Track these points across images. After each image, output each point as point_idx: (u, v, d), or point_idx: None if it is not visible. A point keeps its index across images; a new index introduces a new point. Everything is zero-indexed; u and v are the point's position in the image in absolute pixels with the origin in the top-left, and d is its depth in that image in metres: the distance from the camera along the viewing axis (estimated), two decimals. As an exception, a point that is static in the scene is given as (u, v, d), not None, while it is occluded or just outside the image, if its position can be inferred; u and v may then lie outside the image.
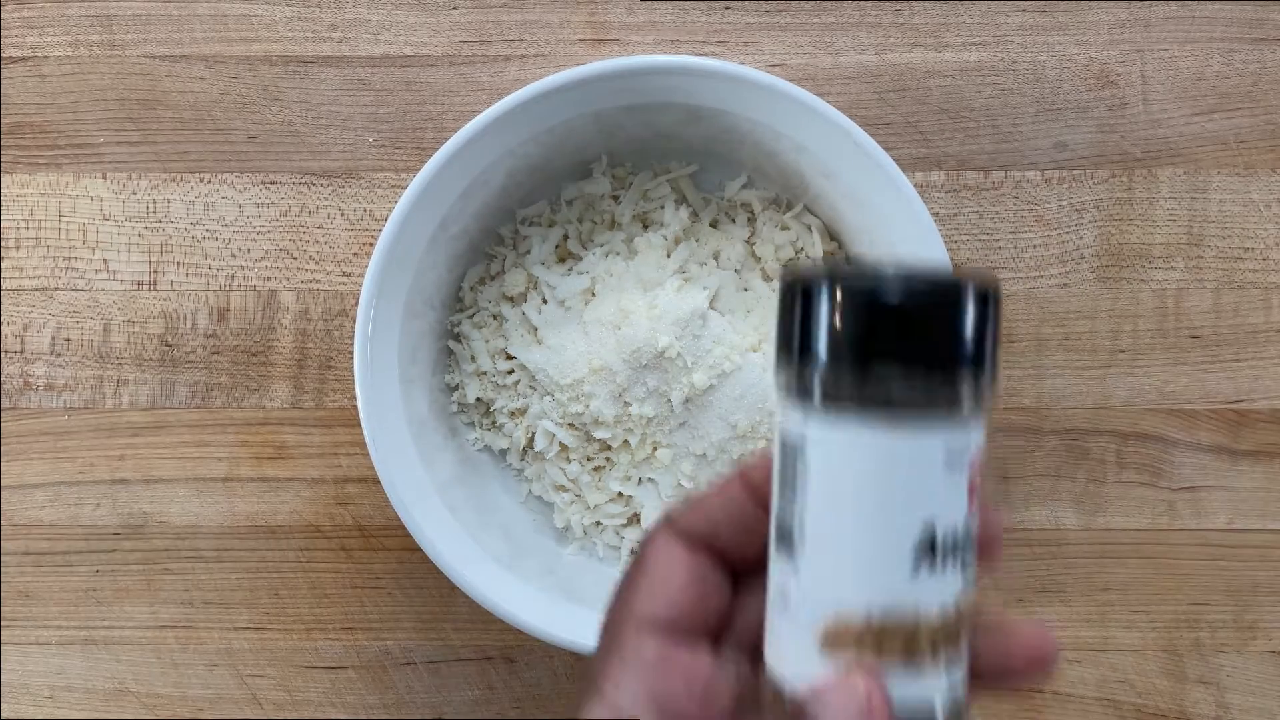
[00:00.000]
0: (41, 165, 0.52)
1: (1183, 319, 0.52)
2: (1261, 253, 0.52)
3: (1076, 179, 0.52)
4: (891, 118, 0.52)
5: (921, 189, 0.51)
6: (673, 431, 0.47)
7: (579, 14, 0.52)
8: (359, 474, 0.51)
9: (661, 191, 0.50)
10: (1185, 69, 0.52)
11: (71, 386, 0.52)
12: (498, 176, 0.46)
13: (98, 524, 0.52)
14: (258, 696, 0.51)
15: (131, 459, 0.52)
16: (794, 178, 0.48)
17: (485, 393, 0.49)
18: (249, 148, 0.52)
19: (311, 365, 0.52)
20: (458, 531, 0.45)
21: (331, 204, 0.52)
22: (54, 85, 0.52)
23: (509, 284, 0.49)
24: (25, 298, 0.52)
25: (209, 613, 0.51)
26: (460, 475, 0.48)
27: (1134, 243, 0.52)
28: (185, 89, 0.52)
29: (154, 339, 0.52)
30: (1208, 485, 0.51)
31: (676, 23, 0.52)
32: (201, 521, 0.51)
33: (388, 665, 0.51)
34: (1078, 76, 0.52)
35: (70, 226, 0.52)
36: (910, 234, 0.44)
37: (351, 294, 0.52)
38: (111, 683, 0.51)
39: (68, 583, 0.52)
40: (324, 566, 0.52)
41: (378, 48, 0.52)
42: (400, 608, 0.51)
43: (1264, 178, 0.52)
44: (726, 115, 0.46)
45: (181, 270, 0.52)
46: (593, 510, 0.49)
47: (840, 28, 0.52)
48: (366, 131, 0.52)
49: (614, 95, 0.45)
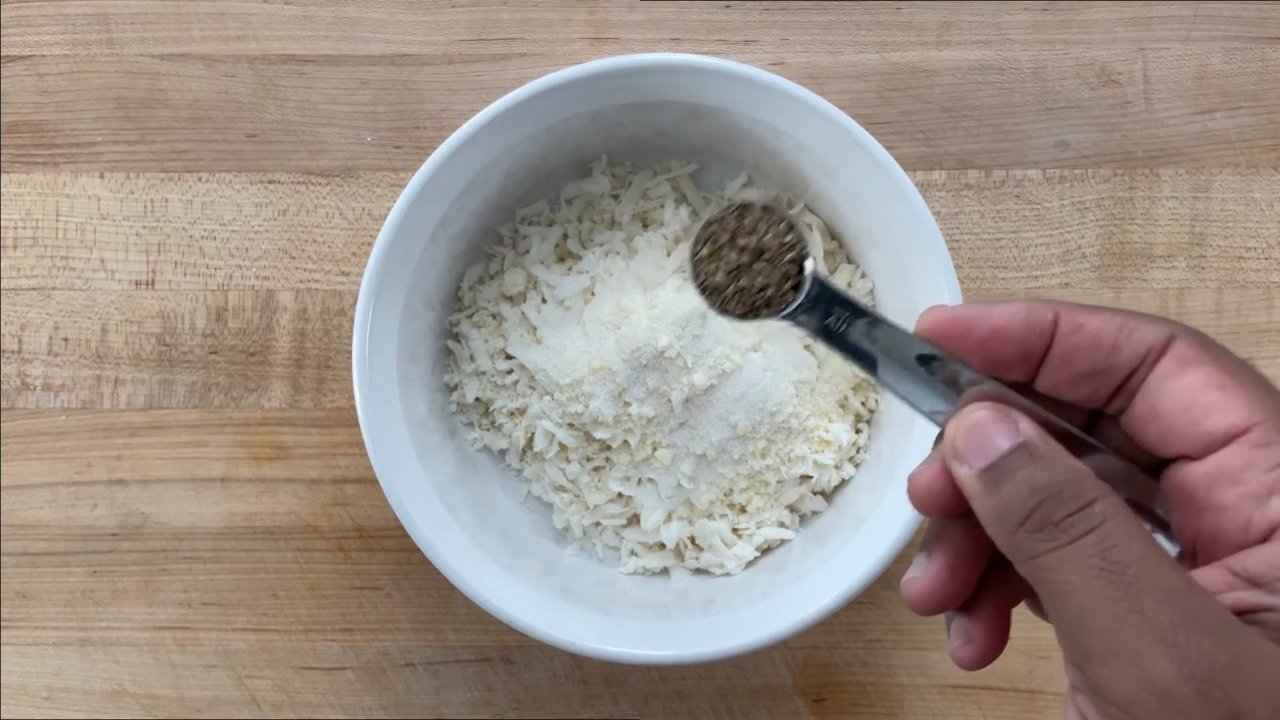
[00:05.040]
0: (39, 164, 0.52)
1: (1185, 319, 0.51)
2: (1264, 252, 0.52)
3: (1078, 178, 0.51)
4: (893, 116, 0.52)
5: (923, 188, 0.51)
6: (673, 431, 0.46)
7: (578, 12, 0.52)
8: (357, 474, 0.51)
9: (661, 190, 0.50)
10: (1187, 68, 0.52)
11: (69, 386, 0.52)
12: (497, 175, 0.46)
13: (95, 524, 0.51)
14: (256, 698, 0.51)
15: (129, 459, 0.51)
16: (795, 176, 0.48)
17: (484, 393, 0.49)
18: (247, 147, 0.52)
19: (310, 365, 0.52)
20: (456, 532, 0.45)
21: (330, 203, 0.52)
22: (52, 84, 0.52)
23: (508, 283, 0.49)
24: (22, 297, 0.52)
25: (207, 613, 0.51)
26: (459, 475, 0.48)
27: (1136, 242, 0.51)
28: (183, 88, 0.52)
29: (152, 339, 0.52)
30: (1210, 485, 0.51)
31: (677, 21, 0.52)
32: (199, 522, 0.51)
33: (386, 666, 0.51)
34: (1079, 75, 0.52)
35: (68, 226, 0.52)
36: (911, 233, 0.44)
37: (350, 293, 0.51)
38: (109, 684, 0.51)
39: (65, 583, 0.51)
40: (322, 567, 0.51)
41: (376, 46, 0.52)
42: (399, 609, 0.51)
43: (1266, 177, 0.52)
44: (727, 114, 0.46)
45: (179, 270, 0.52)
46: (592, 511, 0.48)
47: (841, 26, 0.52)
48: (365, 130, 0.52)
49: (614, 94, 0.45)
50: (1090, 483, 0.25)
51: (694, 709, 0.51)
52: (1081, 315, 0.27)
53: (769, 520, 0.48)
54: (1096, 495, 0.25)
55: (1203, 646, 0.23)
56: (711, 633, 0.44)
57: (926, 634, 0.51)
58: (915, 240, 0.44)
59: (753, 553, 0.48)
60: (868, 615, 0.51)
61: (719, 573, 0.48)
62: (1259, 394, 0.26)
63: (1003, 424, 0.26)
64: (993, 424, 0.26)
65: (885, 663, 0.51)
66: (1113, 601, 0.24)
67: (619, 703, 0.51)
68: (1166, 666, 0.23)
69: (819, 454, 0.47)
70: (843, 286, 0.30)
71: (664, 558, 0.48)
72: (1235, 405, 0.26)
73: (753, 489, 0.48)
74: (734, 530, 0.48)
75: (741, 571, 0.48)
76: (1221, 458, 0.26)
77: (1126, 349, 0.27)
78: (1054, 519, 0.25)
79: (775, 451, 0.47)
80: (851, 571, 0.43)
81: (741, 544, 0.48)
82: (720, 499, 0.48)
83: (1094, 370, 0.27)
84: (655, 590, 0.48)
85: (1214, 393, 0.26)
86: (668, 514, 0.48)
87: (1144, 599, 0.23)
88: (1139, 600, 0.23)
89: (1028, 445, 0.26)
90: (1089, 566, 0.24)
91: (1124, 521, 0.24)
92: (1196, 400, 0.26)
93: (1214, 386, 0.26)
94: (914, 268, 0.44)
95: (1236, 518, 0.25)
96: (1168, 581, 0.24)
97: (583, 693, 0.51)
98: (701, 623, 0.45)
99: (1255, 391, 0.26)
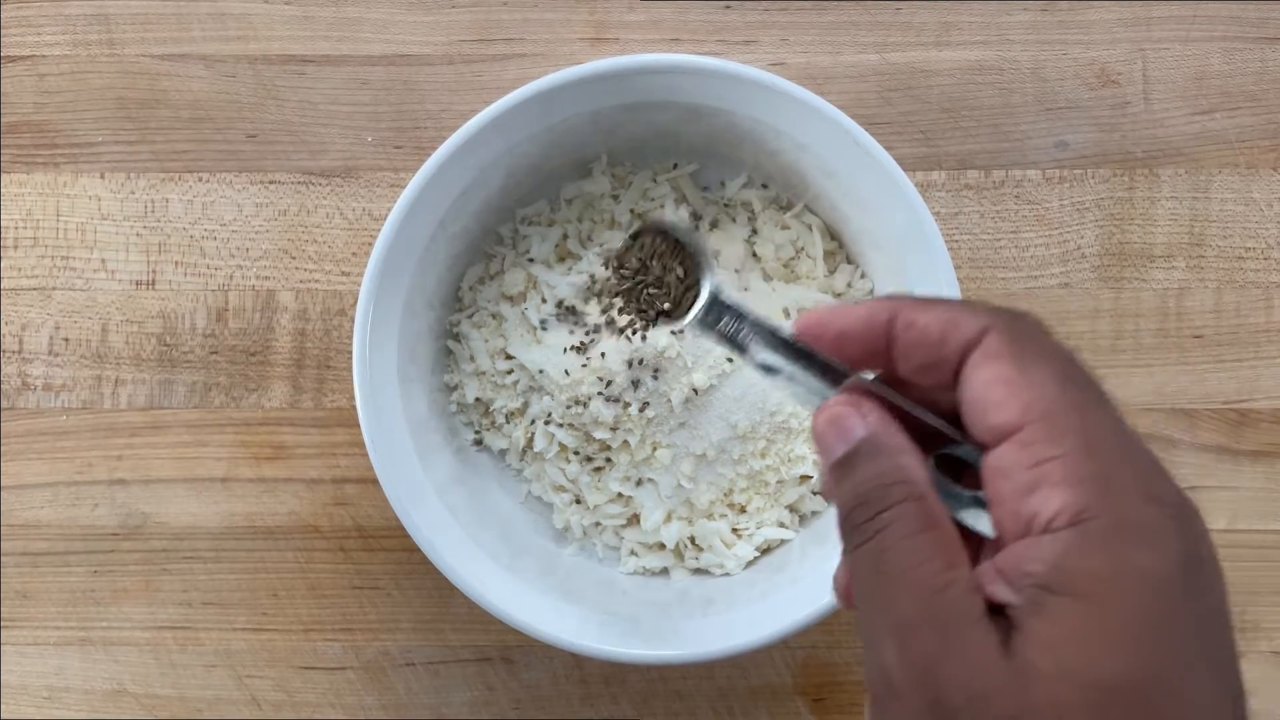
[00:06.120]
0: (40, 164, 0.52)
1: (1184, 319, 0.51)
2: (1263, 252, 0.52)
3: (1078, 178, 0.51)
4: (892, 117, 0.52)
5: (922, 188, 0.51)
6: (673, 431, 0.46)
7: (579, 12, 0.52)
8: (358, 474, 0.51)
9: (661, 191, 0.50)
10: (1187, 68, 0.52)
11: (69, 386, 0.52)
12: (497, 175, 0.46)
13: (96, 524, 0.51)
14: (256, 697, 0.51)
15: (130, 459, 0.51)
16: (795, 177, 0.48)
17: (484, 392, 0.49)
18: (247, 147, 0.52)
19: (310, 365, 0.52)
20: (457, 532, 0.45)
21: (330, 203, 0.52)
22: (52, 84, 0.52)
23: (508, 283, 0.49)
24: (23, 297, 0.52)
25: (207, 613, 0.51)
26: (459, 475, 0.48)
27: (1135, 242, 0.52)
28: (184, 88, 0.52)
29: (152, 339, 0.52)
30: (1209, 485, 0.51)
31: (677, 21, 0.52)
32: (200, 522, 0.51)
33: (386, 666, 0.51)
34: (1079, 75, 0.52)
35: (68, 226, 0.52)
36: (911, 233, 0.44)
37: (350, 293, 0.52)
38: (110, 683, 0.51)
39: (66, 583, 0.51)
40: (322, 567, 0.51)
41: (377, 46, 0.52)
42: (399, 608, 0.51)
43: (1265, 177, 0.52)
44: (727, 114, 0.46)
45: (180, 270, 0.52)
46: (592, 511, 0.49)
47: (841, 26, 0.52)
48: (365, 130, 0.52)
49: (614, 94, 0.45)
50: (896, 489, 0.28)
51: (694, 709, 0.51)
52: (915, 312, 0.29)
53: (769, 520, 0.48)
54: (892, 501, 0.28)
55: (924, 640, 0.26)
56: (711, 633, 0.44)
57: (926, 634, 0.51)
58: (915, 240, 0.44)
59: (753, 553, 0.48)
60: (867, 615, 0.51)
61: (719, 573, 0.48)
62: (1044, 391, 0.27)
63: (853, 417, 0.29)
64: (845, 417, 0.29)
65: (885, 662, 0.51)
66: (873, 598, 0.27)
67: (619, 703, 0.51)
68: (892, 656, 0.26)
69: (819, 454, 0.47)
70: (738, 300, 0.34)
71: (664, 558, 0.49)
72: (1013, 403, 0.27)
73: (753, 489, 0.48)
74: (734, 530, 0.48)
75: (741, 571, 0.48)
76: (1000, 452, 0.27)
77: (950, 342, 0.28)
78: (856, 522, 0.28)
79: (775, 451, 0.47)
80: (851, 571, 0.43)
81: (741, 544, 0.48)
82: (720, 499, 0.48)
83: (929, 363, 0.29)
84: (655, 590, 0.48)
85: (999, 388, 0.27)
86: (668, 514, 0.48)
87: (896, 596, 0.27)
88: (891, 597, 0.27)
89: (870, 438, 0.29)
90: (868, 567, 0.28)
91: (906, 525, 0.27)
92: (985, 395, 0.27)
93: (1001, 382, 0.27)
94: (914, 268, 0.44)
95: (1007, 511, 0.27)
96: (922, 582, 0.26)
97: (583, 692, 0.51)
98: (701, 623, 0.45)
99: (1041, 389, 0.27)
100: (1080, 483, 0.26)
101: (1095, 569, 0.25)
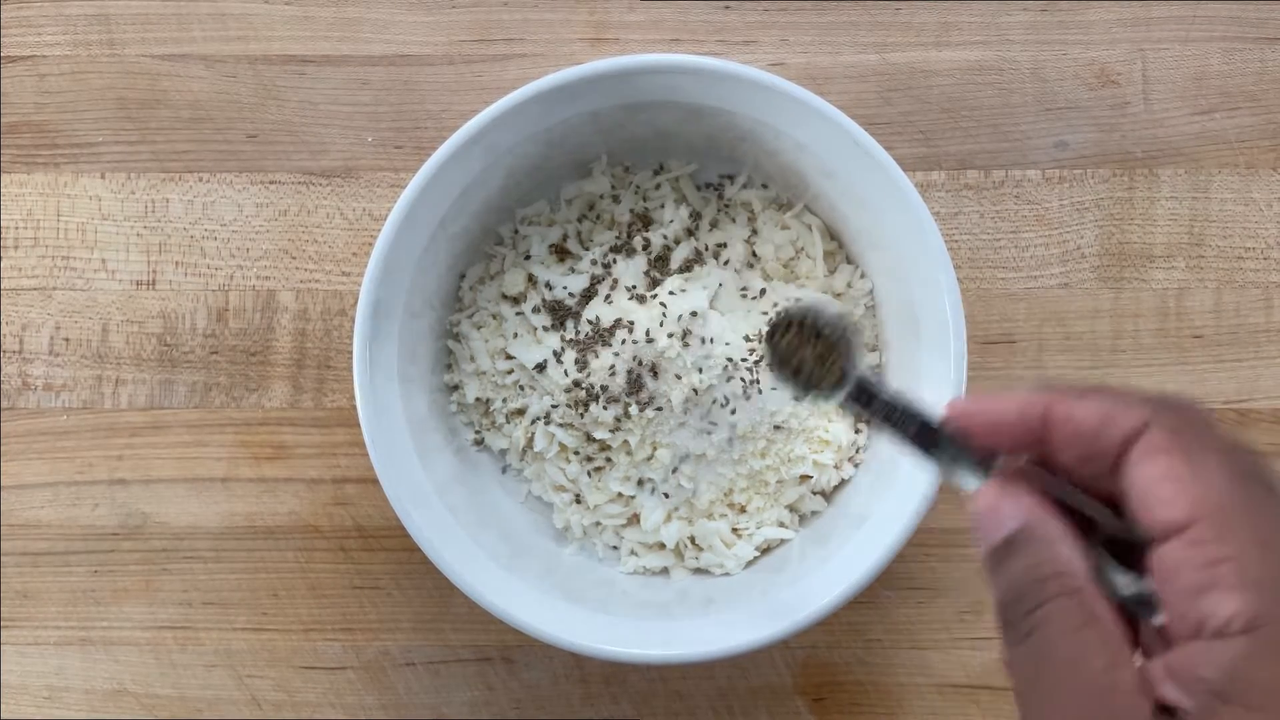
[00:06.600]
0: (40, 164, 0.52)
1: (1184, 319, 0.51)
2: (1263, 252, 0.52)
3: (1077, 178, 0.52)
4: (892, 117, 0.52)
5: (922, 188, 0.51)
6: (673, 431, 0.47)
7: (579, 13, 0.52)
8: (358, 474, 0.51)
9: (661, 191, 0.50)
10: (1186, 68, 0.52)
11: (70, 386, 0.52)
12: (497, 176, 0.46)
13: (96, 524, 0.51)
14: (256, 697, 0.51)
15: (130, 459, 0.51)
16: (794, 177, 0.48)
17: (485, 392, 0.49)
18: (248, 147, 0.52)
19: (310, 365, 0.52)
20: (457, 532, 0.45)
21: (330, 203, 0.52)
22: (53, 84, 0.52)
23: (508, 283, 0.49)
24: (24, 297, 0.52)
25: (207, 613, 0.51)
26: (459, 475, 0.48)
27: (1135, 242, 0.52)
28: (184, 88, 0.52)
29: (152, 339, 0.52)
30: (1209, 485, 0.51)
31: (676, 21, 0.52)
32: (200, 522, 0.51)
33: (387, 666, 0.51)
34: (1078, 76, 0.52)
35: (69, 226, 0.52)
36: (911, 233, 0.44)
37: (350, 293, 0.52)
38: (110, 683, 0.51)
39: (66, 583, 0.51)
40: (323, 567, 0.51)
41: (377, 46, 0.52)
42: (399, 608, 0.51)
43: (1265, 177, 0.52)
44: (727, 114, 0.46)
45: (180, 270, 0.52)
46: (592, 511, 0.49)
47: (841, 27, 0.52)
48: (366, 131, 0.52)
49: (614, 94, 0.45)
50: (1052, 582, 0.28)
51: (694, 709, 0.51)
52: (1071, 405, 0.29)
53: (769, 520, 0.48)
54: (1049, 595, 0.27)
55: None
56: (711, 632, 0.44)
57: (926, 633, 0.51)
58: (914, 240, 0.44)
59: (753, 553, 0.48)
60: (867, 615, 0.51)
61: (719, 572, 0.48)
62: (1213, 487, 0.27)
63: (1007, 504, 0.29)
64: (999, 506, 0.29)
65: (885, 662, 0.51)
66: (1034, 698, 0.27)
67: (619, 703, 0.51)
68: None
69: (819, 454, 0.47)
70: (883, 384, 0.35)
71: (664, 557, 0.49)
72: (1181, 500, 0.27)
73: (752, 489, 0.48)
74: (734, 530, 0.48)
75: (741, 571, 0.48)
76: (1168, 549, 0.27)
77: (1109, 435, 0.28)
78: (1012, 618, 0.28)
79: (775, 451, 0.47)
80: (851, 571, 0.43)
81: (741, 544, 0.48)
82: (720, 499, 0.48)
83: (1086, 455, 0.29)
84: (655, 590, 0.48)
85: (1167, 485, 0.27)
86: (668, 514, 0.48)
87: (1058, 697, 0.27)
88: (1053, 698, 0.27)
89: (1025, 528, 0.28)
90: (1027, 666, 0.27)
91: (1064, 621, 0.27)
92: (1151, 491, 0.27)
93: (1168, 479, 0.27)
94: (913, 268, 0.44)
95: (1176, 610, 0.27)
96: (1086, 682, 0.26)
97: (583, 692, 0.51)
98: (701, 622, 0.45)
99: (1209, 485, 0.27)
100: (1254, 586, 0.25)
101: (1269, 682, 0.25)
